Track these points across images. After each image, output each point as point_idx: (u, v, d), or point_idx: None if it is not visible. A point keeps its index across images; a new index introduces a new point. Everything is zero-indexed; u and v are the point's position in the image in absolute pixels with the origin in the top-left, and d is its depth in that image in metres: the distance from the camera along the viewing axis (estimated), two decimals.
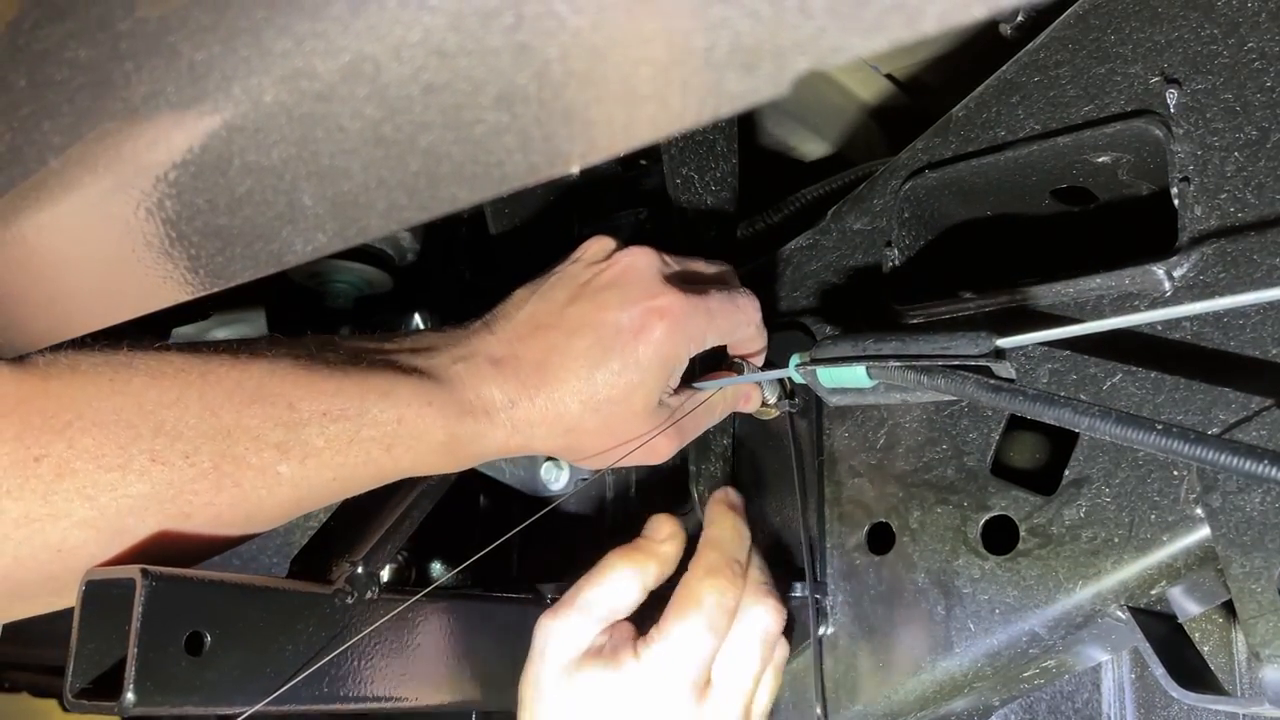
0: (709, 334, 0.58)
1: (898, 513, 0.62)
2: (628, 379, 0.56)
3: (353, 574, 0.54)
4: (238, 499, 0.50)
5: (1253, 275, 0.52)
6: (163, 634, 0.45)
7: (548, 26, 0.25)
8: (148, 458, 0.47)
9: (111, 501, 0.47)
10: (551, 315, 0.57)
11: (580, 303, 0.57)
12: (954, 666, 0.58)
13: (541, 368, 0.56)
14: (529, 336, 0.57)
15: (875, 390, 0.55)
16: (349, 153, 0.31)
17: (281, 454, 0.50)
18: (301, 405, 0.50)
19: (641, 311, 0.56)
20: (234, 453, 0.49)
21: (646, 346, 0.56)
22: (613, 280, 0.57)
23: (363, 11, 0.27)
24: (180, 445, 0.48)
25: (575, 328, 0.56)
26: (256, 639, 0.49)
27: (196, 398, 0.49)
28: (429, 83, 0.28)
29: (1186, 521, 0.52)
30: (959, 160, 0.63)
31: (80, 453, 0.46)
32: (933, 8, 0.22)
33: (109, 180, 0.36)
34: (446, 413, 0.54)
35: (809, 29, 0.23)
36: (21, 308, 0.46)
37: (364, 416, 0.52)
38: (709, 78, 0.25)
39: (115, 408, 0.47)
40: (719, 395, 0.63)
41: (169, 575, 0.46)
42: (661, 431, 0.58)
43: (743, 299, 0.61)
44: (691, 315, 0.57)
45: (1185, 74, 0.56)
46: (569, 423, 0.56)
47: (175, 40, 0.31)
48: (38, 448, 0.46)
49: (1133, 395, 0.55)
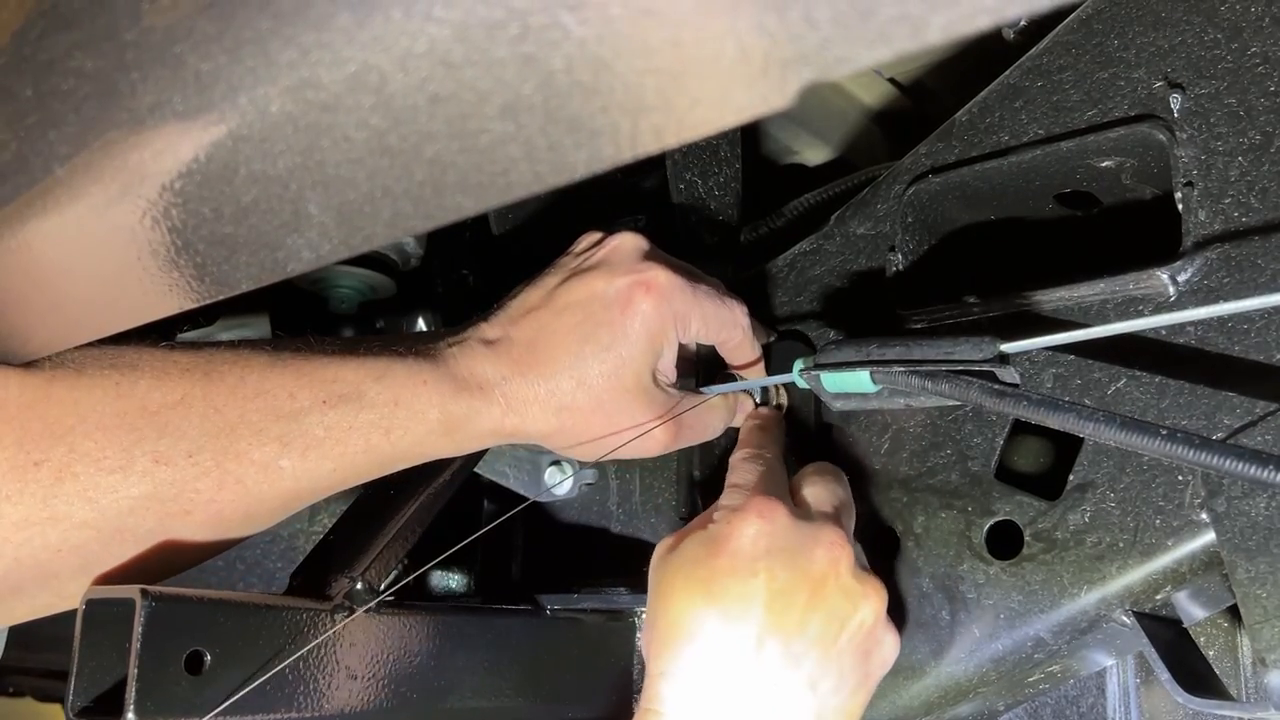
0: (693, 317, 0.59)
1: (902, 517, 0.62)
2: (616, 353, 0.56)
3: (351, 589, 0.54)
4: (239, 495, 0.50)
5: (1257, 280, 0.52)
6: (163, 653, 0.46)
7: (553, 38, 0.25)
8: (150, 459, 0.48)
9: (112, 503, 0.48)
10: (541, 298, 0.58)
11: (568, 284, 0.58)
12: (959, 671, 0.58)
13: (532, 346, 0.56)
14: (520, 319, 0.58)
15: (879, 395, 0.55)
16: (354, 162, 0.31)
17: (283, 446, 0.51)
18: (301, 394, 0.51)
19: (627, 284, 0.57)
20: (237, 449, 0.50)
21: (633, 319, 0.56)
22: (600, 260, 0.59)
23: (368, 23, 0.27)
24: (184, 445, 0.49)
25: (563, 306, 0.57)
26: (257, 656, 0.49)
27: (200, 396, 0.49)
28: (434, 93, 0.28)
29: (1191, 526, 0.52)
30: (962, 165, 0.63)
31: (81, 456, 0.47)
32: (937, 19, 0.22)
33: (115, 189, 0.36)
34: (442, 390, 0.54)
35: (814, 40, 0.23)
36: (27, 315, 0.46)
37: (361, 400, 0.52)
38: (714, 89, 0.25)
39: (119, 411, 0.48)
40: (721, 405, 0.63)
41: (168, 595, 0.46)
42: (662, 423, 0.58)
43: (732, 299, 0.61)
44: (678, 290, 0.57)
45: (1188, 79, 0.56)
46: (561, 399, 0.56)
47: (181, 50, 0.31)
48: (38, 453, 0.46)
49: (1137, 400, 0.55)
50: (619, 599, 0.67)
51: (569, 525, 0.75)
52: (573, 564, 0.74)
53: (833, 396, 0.57)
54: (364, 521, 0.58)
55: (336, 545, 0.59)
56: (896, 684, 0.60)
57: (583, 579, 0.66)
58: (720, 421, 0.64)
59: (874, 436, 0.64)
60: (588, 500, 0.74)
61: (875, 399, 0.56)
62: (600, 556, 0.66)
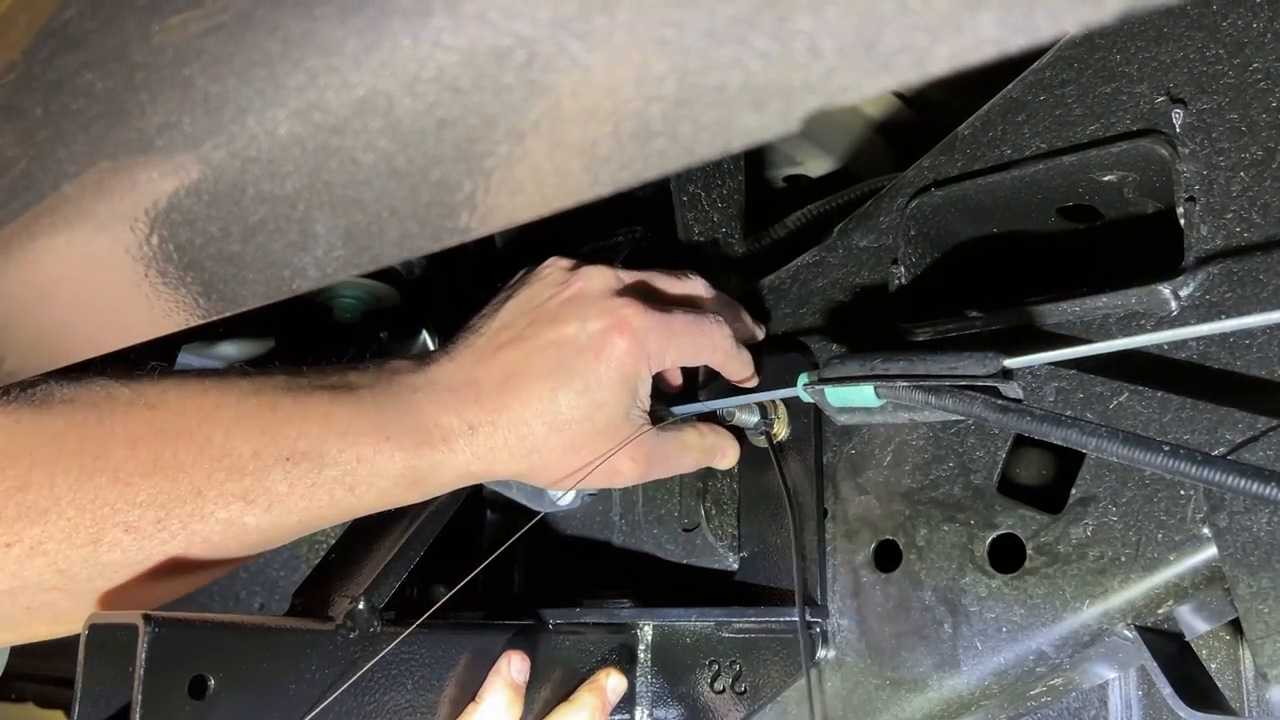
0: (669, 351, 0.58)
1: (904, 530, 0.62)
2: (590, 398, 0.56)
3: (354, 609, 0.54)
4: (205, 552, 0.51)
5: (1259, 295, 0.52)
6: (166, 679, 0.46)
7: (560, 64, 0.26)
8: (121, 529, 0.49)
9: (82, 570, 0.49)
10: (510, 337, 0.58)
11: (538, 324, 0.57)
12: (961, 685, 0.58)
13: (502, 390, 0.56)
14: (489, 359, 0.57)
15: (883, 410, 0.56)
16: (362, 183, 0.31)
17: (247, 505, 0.51)
18: (265, 452, 0.51)
19: (600, 329, 0.56)
20: (202, 511, 0.50)
21: (607, 366, 0.56)
22: (569, 299, 0.58)
23: (377, 49, 0.27)
24: (153, 513, 0.49)
25: (534, 349, 0.56)
26: (260, 680, 0.49)
27: (170, 459, 0.50)
28: (442, 117, 0.28)
29: (1193, 541, 0.52)
30: (965, 178, 0.64)
31: (53, 534, 0.48)
32: (941, 50, 0.22)
33: (123, 207, 0.36)
34: (404, 444, 0.54)
35: (819, 69, 0.23)
36: (33, 330, 0.46)
37: (324, 458, 0.52)
38: (720, 115, 0.25)
39: (96, 487, 0.48)
40: (694, 441, 0.63)
41: (171, 619, 0.46)
42: (616, 451, 0.58)
43: (708, 322, 0.60)
44: (650, 331, 0.57)
45: (1190, 93, 0.56)
46: (532, 443, 0.56)
47: (190, 72, 0.32)
48: (10, 536, 0.47)
49: (1139, 414, 0.55)
50: (621, 612, 0.67)
51: (571, 537, 0.75)
52: (575, 576, 0.74)
53: (837, 410, 0.58)
54: (366, 539, 0.58)
55: (338, 564, 0.59)
56: (898, 696, 0.60)
57: (585, 591, 0.66)
58: (692, 460, 0.64)
59: (876, 449, 0.64)
60: (590, 512, 0.74)
61: (879, 413, 0.57)
62: (603, 568, 0.66)
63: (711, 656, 0.65)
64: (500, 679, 0.59)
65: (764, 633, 0.64)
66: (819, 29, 0.23)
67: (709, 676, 0.65)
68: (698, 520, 0.69)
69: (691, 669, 0.66)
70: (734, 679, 0.64)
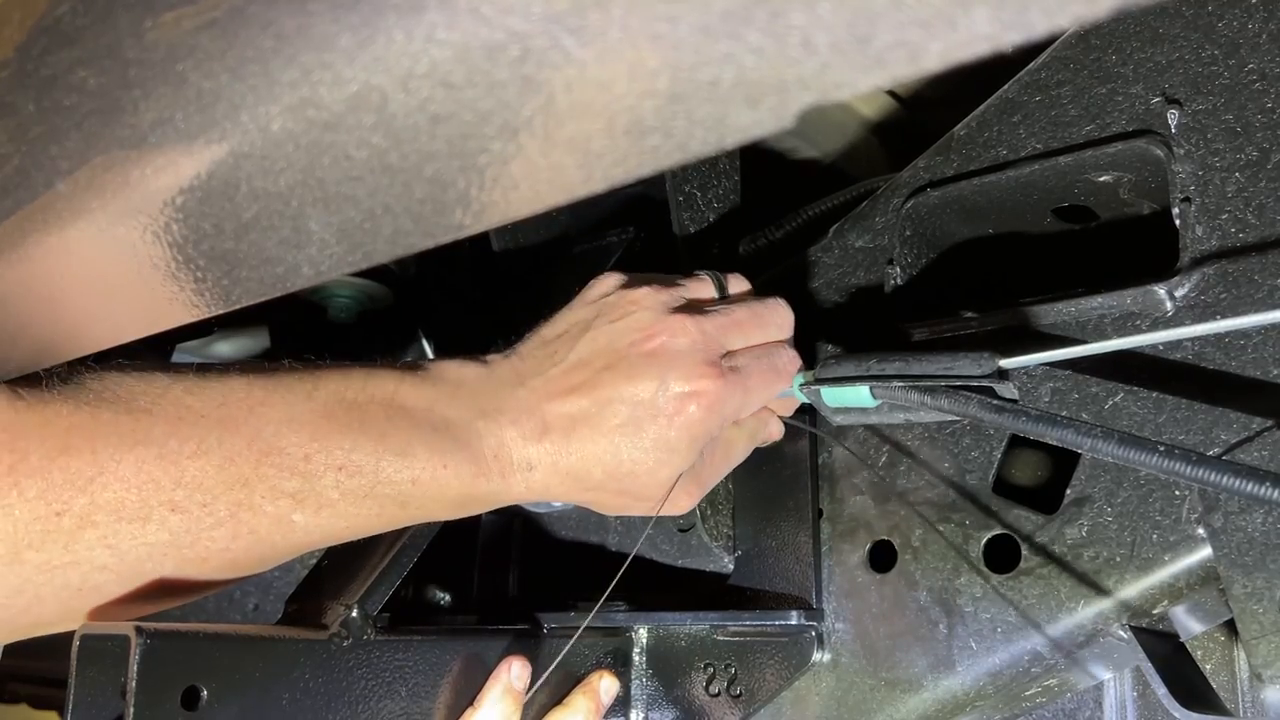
0: (743, 410, 0.58)
1: (899, 530, 0.62)
2: (656, 456, 0.55)
3: (347, 617, 0.53)
4: (252, 544, 0.50)
5: (1254, 296, 0.52)
6: (158, 690, 0.46)
7: (554, 60, 0.25)
8: (167, 508, 0.48)
9: (131, 549, 0.48)
10: (584, 379, 0.56)
11: (616, 373, 0.56)
12: (956, 685, 0.58)
13: (568, 436, 0.55)
14: (559, 397, 0.56)
15: (879, 410, 0.56)
16: (355, 180, 0.31)
17: (296, 503, 0.50)
18: (316, 459, 0.51)
19: (678, 396, 0.55)
20: (250, 501, 0.50)
21: (679, 431, 0.55)
22: (651, 354, 0.56)
23: (370, 44, 0.27)
24: (199, 495, 0.49)
25: (608, 400, 0.55)
26: (253, 690, 0.49)
27: (216, 445, 0.49)
28: (436, 113, 0.28)
29: (1188, 541, 0.52)
30: (960, 179, 0.64)
31: (101, 506, 0.47)
32: (935, 45, 0.22)
33: (116, 204, 0.36)
34: (461, 474, 0.54)
35: (813, 65, 0.23)
36: (27, 328, 0.46)
37: (379, 474, 0.52)
38: (713, 111, 0.25)
39: (138, 459, 0.48)
40: (735, 434, 0.62)
41: (163, 631, 0.46)
42: (665, 499, 0.58)
43: (782, 359, 0.59)
44: (729, 399, 0.56)
45: (1186, 94, 0.56)
46: (589, 484, 0.56)
47: (184, 68, 0.31)
48: (59, 504, 0.46)
49: (1134, 414, 0.55)
50: (617, 616, 0.67)
51: (566, 539, 0.75)
52: (570, 579, 0.74)
53: (832, 411, 0.58)
54: (359, 544, 0.58)
55: (331, 569, 0.59)
56: (893, 697, 0.60)
57: (580, 594, 0.66)
58: (740, 452, 0.63)
59: (871, 449, 0.64)
60: (585, 513, 0.74)
61: (875, 413, 0.57)
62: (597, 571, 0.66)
63: (707, 659, 0.65)
64: (500, 685, 0.59)
65: (759, 636, 0.64)
66: (812, 24, 0.23)
67: (704, 679, 0.65)
68: (693, 521, 0.69)
69: (687, 672, 0.66)
70: (729, 682, 0.64)
